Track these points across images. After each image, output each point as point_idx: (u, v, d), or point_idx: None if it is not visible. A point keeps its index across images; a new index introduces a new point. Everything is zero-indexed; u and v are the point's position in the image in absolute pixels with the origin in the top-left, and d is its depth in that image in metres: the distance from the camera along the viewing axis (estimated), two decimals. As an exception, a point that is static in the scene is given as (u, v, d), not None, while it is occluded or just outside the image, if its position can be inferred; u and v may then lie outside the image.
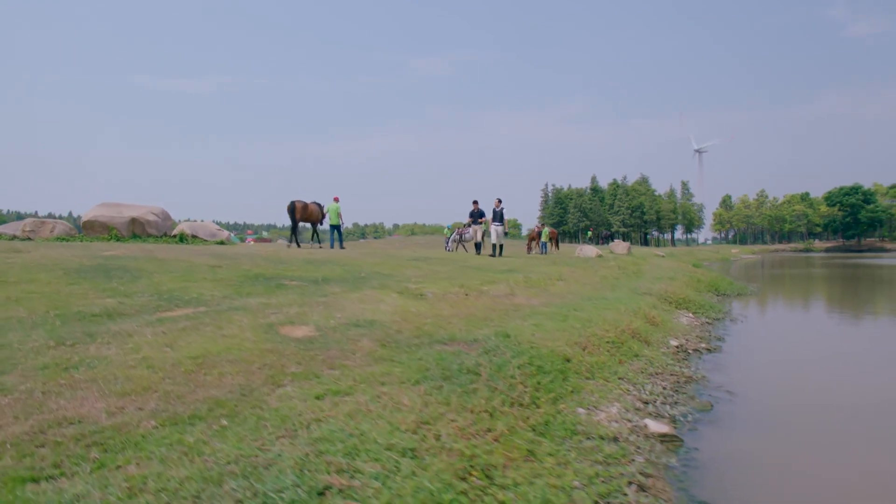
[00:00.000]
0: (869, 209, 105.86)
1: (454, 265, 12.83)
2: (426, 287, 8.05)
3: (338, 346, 4.25)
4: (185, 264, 8.72)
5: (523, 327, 5.75)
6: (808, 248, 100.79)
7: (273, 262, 10.15)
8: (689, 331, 8.17)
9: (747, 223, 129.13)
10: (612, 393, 4.49)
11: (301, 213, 17.25)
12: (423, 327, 5.31)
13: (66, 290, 5.62)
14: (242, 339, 4.08)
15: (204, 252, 11.60)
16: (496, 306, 7.20)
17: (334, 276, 8.56)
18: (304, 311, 5.37)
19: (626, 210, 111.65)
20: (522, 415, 3.38)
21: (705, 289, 14.37)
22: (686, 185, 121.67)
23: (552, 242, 35.31)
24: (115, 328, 4.11)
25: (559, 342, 5.30)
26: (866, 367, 6.79)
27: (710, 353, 7.03)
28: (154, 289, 6.18)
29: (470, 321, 5.97)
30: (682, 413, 4.46)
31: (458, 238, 29.64)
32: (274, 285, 7.13)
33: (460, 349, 4.55)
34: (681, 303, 10.27)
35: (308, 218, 17.73)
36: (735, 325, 9.58)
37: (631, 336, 6.28)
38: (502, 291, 8.56)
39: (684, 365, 6.11)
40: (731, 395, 5.16)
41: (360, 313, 5.60)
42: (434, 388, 3.44)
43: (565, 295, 9.17)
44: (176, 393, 2.93)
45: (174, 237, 16.22)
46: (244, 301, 5.73)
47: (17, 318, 4.32)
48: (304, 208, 17.38)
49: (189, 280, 7.07)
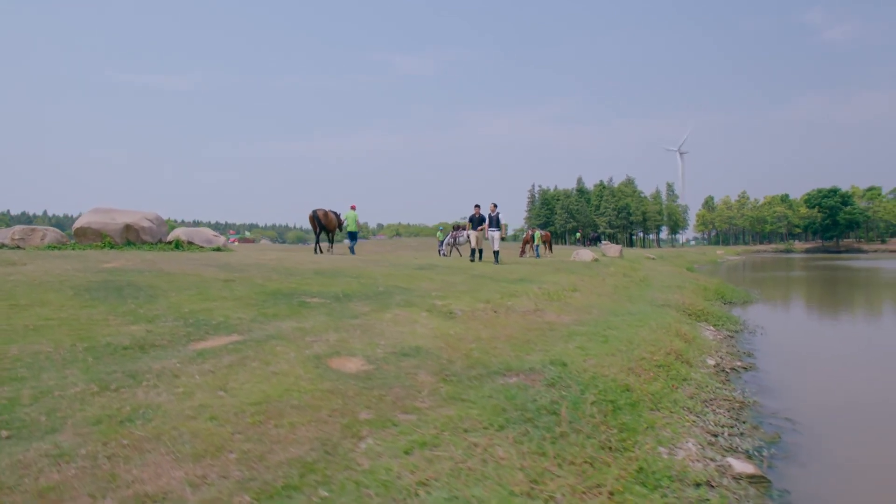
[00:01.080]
0: (847, 211, 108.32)
1: (464, 275, 12.58)
2: (451, 303, 7.79)
3: (397, 382, 3.97)
4: (195, 279, 8.33)
5: (571, 352, 5.52)
6: (789, 249, 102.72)
7: (283, 274, 9.79)
8: (718, 346, 8.04)
9: (729, 224, 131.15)
10: (681, 426, 4.28)
11: (323, 220, 18.14)
12: (471, 354, 5.05)
13: (85, 316, 5.23)
14: (296, 378, 3.78)
15: (207, 262, 11.17)
16: (530, 325, 6.96)
17: (353, 291, 8.25)
18: (343, 338, 5.08)
19: (613, 211, 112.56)
20: (619, 462, 3.14)
21: (713, 297, 14.34)
22: (671, 186, 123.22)
23: (545, 245, 35.36)
24: (155, 366, 3.78)
25: (613, 368, 5.08)
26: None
27: (746, 372, 6.89)
28: (175, 311, 5.81)
29: (513, 345, 5.72)
30: (754, 447, 4.27)
31: (451, 242, 29.39)
32: (296, 303, 6.81)
33: (523, 382, 4.30)
34: (700, 315, 10.16)
35: (328, 226, 18.47)
36: (755, 337, 9.48)
37: (675, 358, 6.09)
38: (528, 307, 8.33)
39: (729, 387, 5.94)
40: (791, 422, 5.00)
41: (400, 338, 5.32)
42: (522, 436, 3.19)
43: (589, 309, 8.97)
44: (255, 453, 2.63)
45: (169, 244, 15.71)
46: (275, 326, 5.41)
47: (45, 353, 3.95)
48: (325, 216, 18.24)
49: (207, 298, 6.71)
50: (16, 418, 2.80)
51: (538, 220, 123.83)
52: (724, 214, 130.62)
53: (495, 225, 16.96)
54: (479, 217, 17.34)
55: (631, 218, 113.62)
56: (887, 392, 6.41)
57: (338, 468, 2.57)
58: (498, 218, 16.99)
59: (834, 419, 5.28)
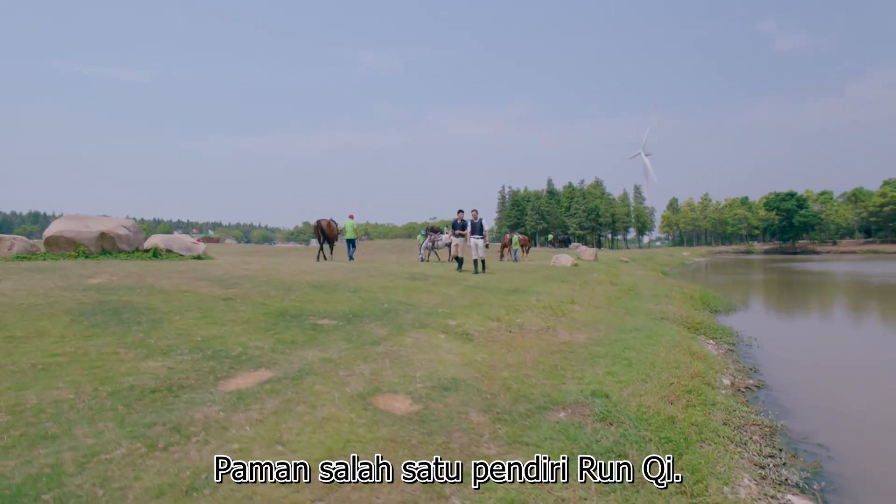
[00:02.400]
0: (802, 214, 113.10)
1: (458, 286, 12.43)
2: (463, 323, 7.64)
3: (451, 423, 3.80)
4: (192, 297, 7.92)
5: (603, 379, 5.45)
6: (749, 251, 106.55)
7: (280, 289, 9.43)
8: (725, 363, 8.14)
9: (693, 225, 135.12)
10: (731, 459, 4.26)
11: (327, 229, 19.53)
12: (509, 385, 4.92)
13: (93, 350, 4.85)
14: (351, 425, 3.56)
15: (195, 275, 10.69)
16: (549, 347, 6.88)
17: (359, 309, 8.00)
18: (376, 371, 4.86)
19: (583, 213, 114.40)
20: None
21: (700, 305, 14.62)
22: (639, 188, 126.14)
23: (523, 249, 35.65)
24: (196, 415, 3.50)
25: (651, 397, 5.03)
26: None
27: (759, 391, 6.98)
28: (186, 339, 5.47)
29: (543, 371, 5.62)
30: (802, 479, 4.29)
31: (430, 245, 29.24)
32: (308, 326, 6.53)
33: (573, 418, 4.19)
34: (698, 328, 10.31)
35: (330, 234, 19.85)
36: (753, 350, 9.68)
37: (699, 381, 6.10)
38: (539, 325, 8.25)
39: (752, 409, 6.00)
40: (823, 448, 5.06)
41: (432, 368, 5.14)
42: (604, 486, 3.07)
43: (596, 325, 8.97)
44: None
45: (147, 252, 15.02)
46: (299, 356, 5.15)
47: (67, 401, 3.61)
48: (328, 225, 19.64)
49: (214, 322, 6.37)
50: (69, 494, 2.50)
51: (509, 220, 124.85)
52: (688, 216, 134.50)
53: (478, 232, 15.99)
54: (462, 223, 16.49)
55: (600, 220, 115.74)
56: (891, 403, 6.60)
57: (440, 543, 2.39)
58: (481, 224, 16.09)
59: (857, 439, 5.38)
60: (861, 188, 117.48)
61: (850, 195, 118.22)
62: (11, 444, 2.97)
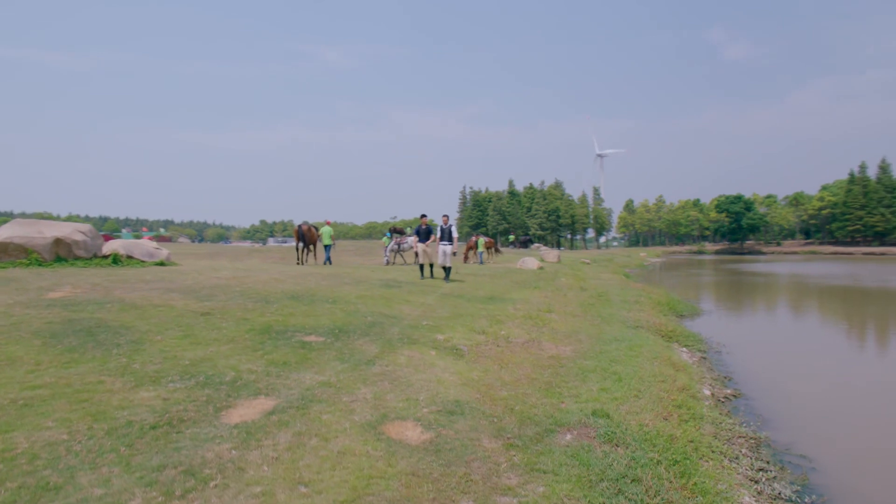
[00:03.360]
0: (749, 216, 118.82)
1: (433, 295, 12.40)
2: (451, 337, 7.62)
3: (466, 452, 3.78)
4: (167, 312, 7.59)
5: (598, 396, 5.55)
6: (701, 251, 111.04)
7: (258, 301, 9.15)
8: (701, 372, 8.43)
9: (649, 226, 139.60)
10: (728, 475, 4.41)
11: (307, 234, 20.37)
12: (511, 406, 4.94)
13: (76, 379, 4.57)
14: (368, 458, 3.49)
15: (164, 285, 10.25)
16: (539, 362, 6.95)
17: (343, 324, 7.85)
18: (378, 395, 4.79)
19: (544, 214, 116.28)
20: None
21: (667, 311, 15.10)
22: (597, 190, 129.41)
23: (489, 251, 36.00)
24: (207, 454, 3.35)
25: (646, 414, 5.16)
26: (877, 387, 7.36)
27: (737, 400, 7.27)
28: (173, 363, 5.24)
29: (540, 389, 5.68)
30: (793, 492, 4.49)
31: (395, 248, 29.12)
32: (297, 345, 6.36)
33: (580, 440, 4.25)
34: (671, 336, 10.64)
35: (311, 239, 20.73)
36: (723, 356, 10.08)
37: (686, 395, 6.30)
38: (523, 336, 8.33)
39: (735, 420, 6.24)
40: (807, 459, 5.32)
41: (432, 390, 5.10)
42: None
43: (577, 335, 9.13)
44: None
45: (106, 258, 14.29)
46: (296, 381, 5.01)
47: (62, 442, 3.39)
48: (308, 231, 20.48)
49: (197, 342, 6.12)
50: (92, 556, 2.34)
51: (470, 221, 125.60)
52: (644, 217, 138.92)
53: (447, 238, 15.14)
54: (427, 229, 15.65)
55: (560, 220, 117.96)
56: (857, 407, 7.01)
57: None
58: (451, 230, 15.21)
59: (833, 446, 5.68)
60: (802, 192, 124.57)
61: (792, 199, 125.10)
62: (11, 499, 2.76)
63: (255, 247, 68.42)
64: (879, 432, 6.33)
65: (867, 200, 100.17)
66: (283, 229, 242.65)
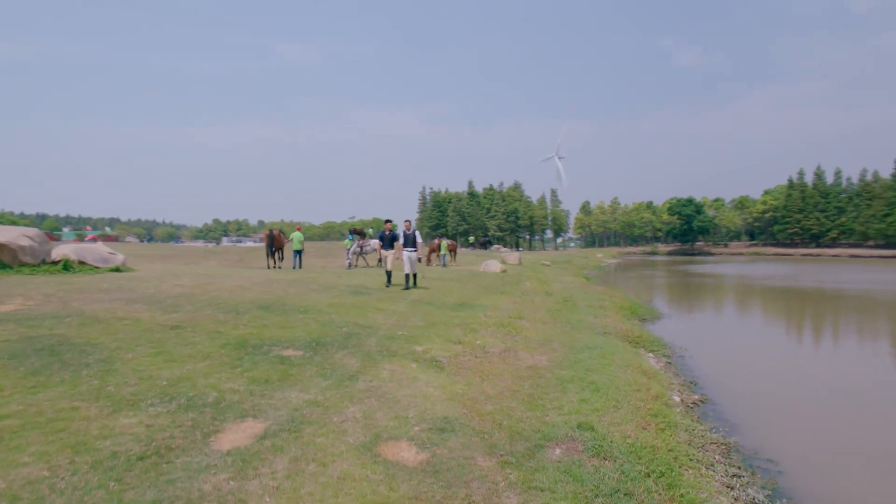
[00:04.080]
0: (699, 219, 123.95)
1: (404, 301, 12.38)
2: (429, 349, 7.63)
3: (464, 472, 3.81)
4: (134, 326, 7.27)
5: (579, 408, 5.70)
6: (654, 252, 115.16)
7: (227, 311, 8.90)
8: (668, 378, 8.76)
9: (604, 227, 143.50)
10: (706, 482, 4.62)
11: (278, 240, 21.28)
12: (499, 421, 5.01)
13: (47, 406, 4.32)
14: (369, 483, 3.47)
15: (125, 294, 9.80)
16: (518, 372, 7.06)
17: (319, 335, 7.74)
18: (368, 413, 4.76)
19: (503, 215, 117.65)
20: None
21: (630, 315, 15.59)
22: (555, 192, 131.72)
23: (451, 254, 36.17)
24: (204, 487, 3.24)
25: (627, 425, 5.34)
26: (830, 385, 7.85)
27: (704, 405, 7.61)
28: (150, 384, 5.03)
29: (522, 402, 5.78)
30: (766, 497, 4.75)
31: (358, 251, 28.87)
32: (276, 360, 6.23)
33: (570, 455, 4.36)
34: (638, 341, 11.01)
35: (281, 244, 21.65)
36: (686, 361, 10.51)
37: (661, 403, 6.54)
38: (498, 346, 8.44)
39: (705, 426, 6.53)
40: (774, 462, 5.63)
41: (420, 406, 5.11)
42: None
43: (550, 343, 9.31)
44: None
45: (56, 264, 13.54)
46: (281, 399, 4.91)
47: (43, 479, 3.20)
48: (279, 236, 21.49)
49: (172, 359, 5.90)
50: None
51: (430, 222, 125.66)
52: (600, 219, 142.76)
53: (411, 244, 14.72)
54: (392, 235, 15.25)
55: (519, 222, 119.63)
56: (812, 408, 7.46)
57: None
58: (414, 236, 14.82)
59: (795, 448, 6.04)
60: (747, 196, 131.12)
61: (738, 202, 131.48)
62: (-1, 544, 2.60)
63: (210, 247, 66.18)
64: (835, 430, 6.77)
65: (804, 205, 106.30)
66: (238, 228, 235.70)
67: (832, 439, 6.50)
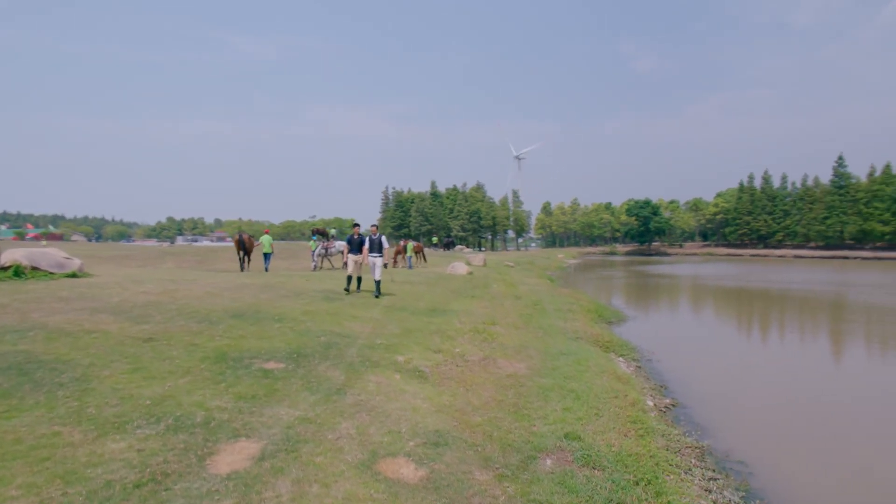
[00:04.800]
0: (656, 220, 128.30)
1: (377, 308, 12.31)
2: (410, 359, 7.67)
3: (464, 487, 3.89)
4: (104, 339, 7.00)
5: (562, 417, 5.88)
6: (613, 252, 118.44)
7: (200, 321, 8.67)
8: (640, 382, 9.09)
9: (565, 228, 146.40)
10: (687, 486, 4.86)
11: (247, 243, 21.70)
12: (489, 432, 5.11)
13: (25, 432, 4.12)
14: (375, 503, 3.50)
15: (87, 303, 9.40)
16: (500, 381, 7.19)
17: (298, 345, 7.65)
18: (362, 429, 4.77)
19: (466, 215, 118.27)
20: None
21: (597, 318, 16.04)
22: (517, 193, 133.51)
23: (417, 256, 36.18)
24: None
25: (610, 434, 5.54)
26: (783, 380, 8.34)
27: (676, 409, 7.94)
28: (132, 404, 4.87)
29: (509, 412, 5.91)
30: (741, 498, 5.02)
31: (323, 252, 28.56)
32: (259, 374, 6.14)
33: (563, 466, 4.51)
34: (608, 346, 11.35)
35: (250, 248, 22.00)
36: (654, 364, 10.92)
37: (637, 409, 6.80)
38: (478, 354, 8.56)
39: (679, 430, 6.83)
40: (744, 464, 5.97)
41: (411, 420, 5.16)
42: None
43: (526, 350, 9.50)
44: None
45: (6, 270, 12.82)
46: (272, 416, 4.86)
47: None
48: (249, 240, 21.90)
49: (151, 376, 5.73)
50: None
51: (393, 222, 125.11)
52: (560, 219, 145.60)
53: (377, 250, 14.19)
54: (360, 239, 14.50)
55: (482, 222, 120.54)
56: (773, 407, 7.91)
57: None
58: (381, 241, 14.29)
59: (762, 449, 6.40)
60: (700, 199, 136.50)
61: (692, 204, 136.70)
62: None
63: (164, 247, 63.79)
64: (796, 427, 7.21)
65: (753, 208, 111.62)
66: (193, 227, 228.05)
67: (795, 437, 6.93)
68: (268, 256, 22.27)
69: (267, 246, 22.12)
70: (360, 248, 14.48)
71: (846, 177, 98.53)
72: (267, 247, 22.11)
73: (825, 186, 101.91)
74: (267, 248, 22.12)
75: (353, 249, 14.57)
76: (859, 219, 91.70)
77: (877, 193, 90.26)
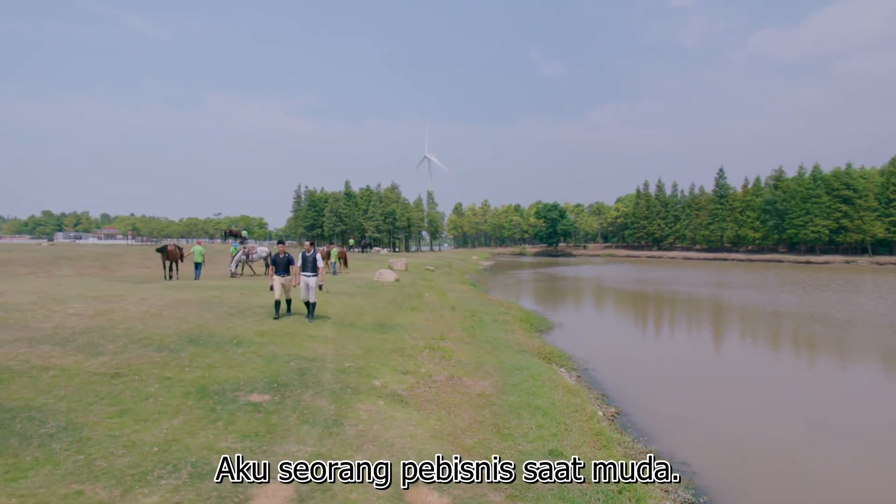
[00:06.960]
0: (563, 223, 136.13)
1: (325, 324, 12.35)
2: (386, 383, 8.01)
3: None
4: (64, 377, 6.64)
5: (539, 434, 6.58)
6: (522, 253, 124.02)
7: (159, 349, 8.36)
8: (585, 393, 10.08)
9: (476, 229, 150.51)
10: (654, 490, 5.72)
11: (172, 253, 22.55)
12: (483, 454, 5.65)
13: (45, 496, 3.99)
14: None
15: (15, 333, 8.64)
16: (472, 401, 7.77)
17: (273, 374, 7.72)
18: (373, 458, 5.11)
19: (380, 216, 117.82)
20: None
21: (530, 327, 17.15)
22: (431, 194, 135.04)
23: (341, 262, 35.85)
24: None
25: (584, 448, 6.33)
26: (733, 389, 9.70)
27: (621, 417, 8.98)
28: (141, 453, 4.81)
29: (491, 433, 6.49)
30: (692, 496, 6.00)
31: (244, 258, 27.63)
32: (249, 408, 6.22)
33: (559, 483, 5.15)
34: (549, 357, 12.34)
35: (175, 258, 22.81)
36: (591, 373, 12.07)
37: (595, 421, 7.67)
38: (443, 374, 9.08)
39: (629, 437, 7.80)
40: (687, 464, 7.02)
41: (413, 448, 5.57)
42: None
43: (482, 366, 10.17)
44: None
45: None
46: (286, 455, 5.05)
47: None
48: (174, 250, 22.84)
49: (142, 419, 5.61)
50: None
51: (305, 222, 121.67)
52: (472, 220, 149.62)
53: (311, 269, 12.82)
54: (286, 258, 12.85)
55: (397, 223, 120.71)
56: (701, 406, 9.20)
57: None
58: (315, 259, 12.93)
59: (698, 448, 7.52)
60: (602, 203, 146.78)
61: (595, 208, 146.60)
62: None
63: (44, 245, 57.25)
64: (724, 423, 8.48)
65: (649, 213, 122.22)
66: (76, 223, 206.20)
67: (725, 433, 8.16)
68: (198, 266, 23.54)
69: (198, 256, 23.56)
70: (288, 269, 12.97)
71: (725, 187, 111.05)
72: (198, 257, 23.54)
73: (709, 195, 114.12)
74: (198, 258, 23.54)
75: (278, 270, 12.80)
76: (735, 225, 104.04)
77: (749, 203, 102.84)
